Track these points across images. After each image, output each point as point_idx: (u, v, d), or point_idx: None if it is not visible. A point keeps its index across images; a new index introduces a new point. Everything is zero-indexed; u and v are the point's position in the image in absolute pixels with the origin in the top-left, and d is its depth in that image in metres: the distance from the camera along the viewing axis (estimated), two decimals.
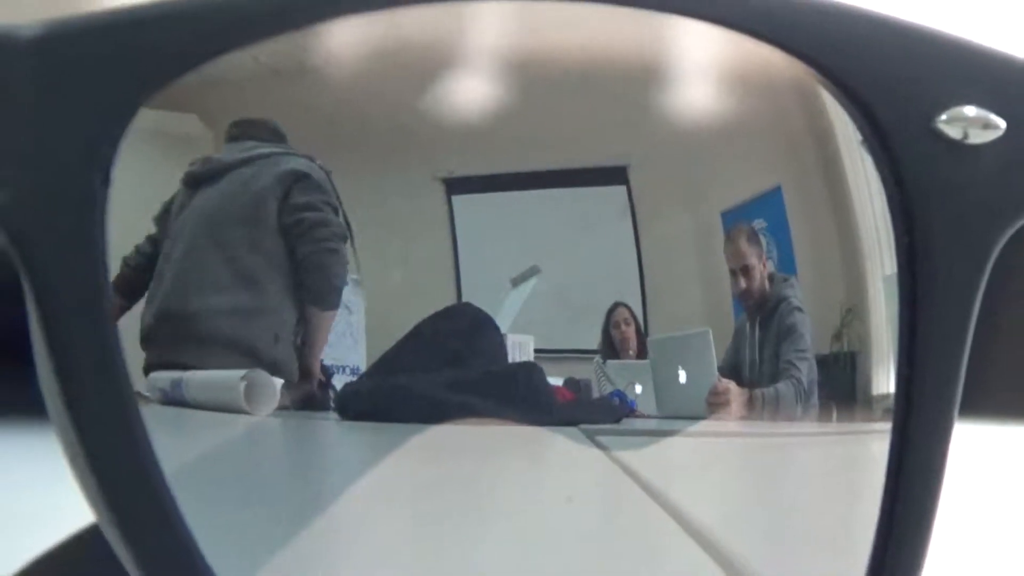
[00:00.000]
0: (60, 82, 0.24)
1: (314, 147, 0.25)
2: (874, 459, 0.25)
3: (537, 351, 0.25)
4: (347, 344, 0.24)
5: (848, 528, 0.25)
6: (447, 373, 0.25)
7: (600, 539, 0.26)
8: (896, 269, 0.25)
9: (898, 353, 0.25)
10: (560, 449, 0.25)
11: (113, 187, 0.24)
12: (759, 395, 0.24)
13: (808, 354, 0.25)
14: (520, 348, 0.25)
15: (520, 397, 0.25)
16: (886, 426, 0.25)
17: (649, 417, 0.25)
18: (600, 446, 0.25)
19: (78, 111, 0.23)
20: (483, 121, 0.25)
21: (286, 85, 0.25)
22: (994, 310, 0.26)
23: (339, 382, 0.24)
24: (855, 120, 0.25)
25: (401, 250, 0.25)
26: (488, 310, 0.24)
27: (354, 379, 0.24)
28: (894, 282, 0.25)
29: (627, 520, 0.26)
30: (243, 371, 0.24)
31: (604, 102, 0.26)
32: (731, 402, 0.24)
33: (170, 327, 0.25)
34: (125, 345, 0.23)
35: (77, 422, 0.24)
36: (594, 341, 0.25)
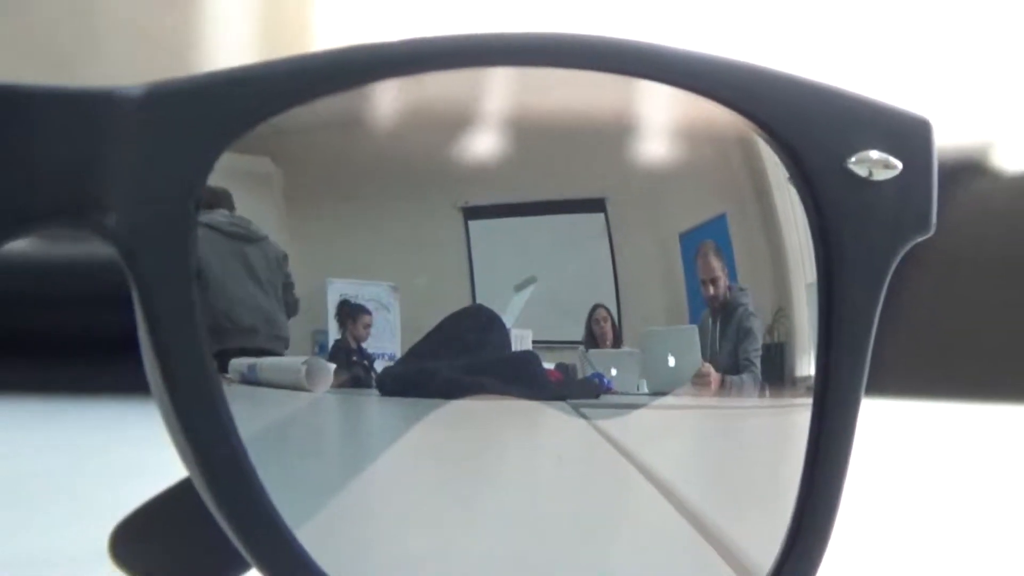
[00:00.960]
0: (160, 130, 0.24)
1: (359, 182, 0.25)
2: (798, 426, 0.25)
3: (534, 342, 0.25)
4: (386, 336, 0.24)
5: (779, 477, 0.25)
6: (464, 359, 0.25)
7: (583, 488, 0.26)
8: (816, 278, 0.25)
9: (817, 344, 0.25)
10: (552, 418, 0.25)
11: (202, 219, 0.24)
12: (729, 380, 0.24)
13: (760, 351, 0.25)
14: (521, 340, 0.25)
15: (521, 378, 0.25)
16: (808, 401, 0.25)
17: (622, 394, 0.25)
18: (583, 416, 0.25)
19: (175, 153, 0.24)
20: (493, 162, 0.25)
21: (339, 133, 0.25)
22: (891, 311, 0.26)
23: (379, 366, 0.24)
24: (783, 162, 0.25)
25: (428, 262, 0.25)
26: (496, 310, 0.24)
27: (391, 364, 0.24)
28: (814, 288, 0.25)
29: (604, 473, 0.26)
30: (304, 357, 0.24)
31: (587, 147, 0.26)
32: (711, 383, 0.24)
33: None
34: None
35: (173, 398, 0.24)
36: (579, 334, 0.25)
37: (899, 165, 0.25)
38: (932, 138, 0.25)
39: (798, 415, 0.25)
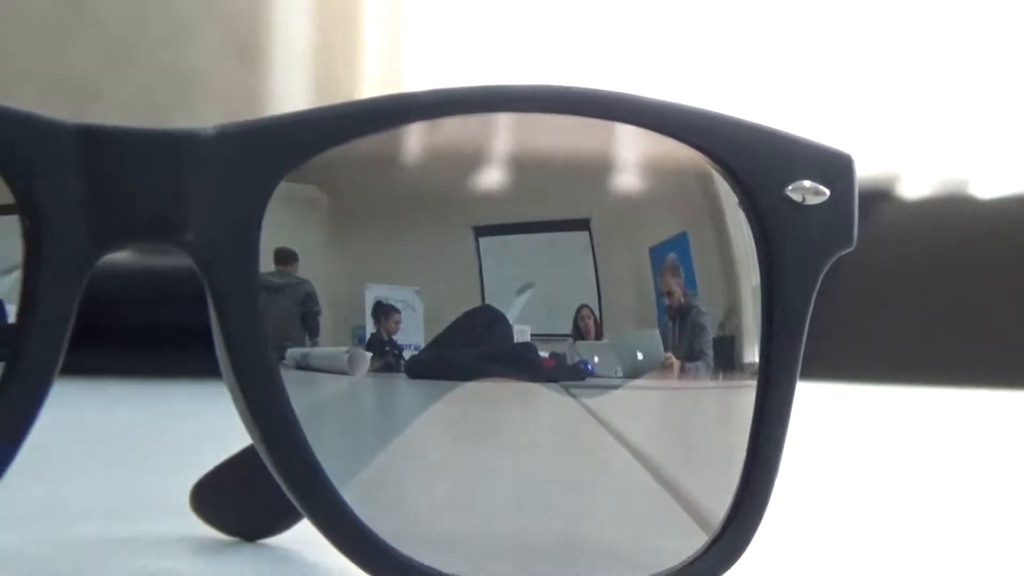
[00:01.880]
0: (230, 164, 0.23)
1: (390, 206, 0.25)
2: (745, 402, 0.25)
3: (532, 335, 0.24)
4: (412, 331, 0.24)
5: (730, 444, 0.25)
6: (475, 349, 0.24)
7: (570, 451, 0.26)
8: (759, 283, 0.25)
9: (760, 336, 0.25)
10: (546, 396, 0.25)
11: (263, 231, 0.24)
12: (687, 366, 0.24)
13: (711, 343, 0.25)
14: (521, 333, 0.24)
15: (521, 364, 0.24)
16: (752, 382, 0.25)
17: (602, 377, 0.25)
18: (571, 395, 0.24)
19: (242, 183, 0.23)
20: (499, 190, 0.25)
21: (373, 166, 0.25)
22: (820, 310, 0.26)
23: (407, 355, 0.24)
24: (734, 190, 0.25)
25: (447, 271, 0.24)
26: (501, 309, 0.24)
27: (416, 353, 0.24)
28: (758, 291, 0.25)
29: (587, 440, 0.25)
30: (346, 348, 0.24)
31: (574, 178, 0.25)
32: (673, 369, 0.24)
33: None
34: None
35: (240, 381, 0.24)
36: (568, 329, 0.25)
37: (827, 192, 0.25)
38: (854, 170, 0.25)
39: (744, 394, 0.25)
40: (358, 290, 0.24)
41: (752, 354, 0.25)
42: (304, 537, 0.26)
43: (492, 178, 0.25)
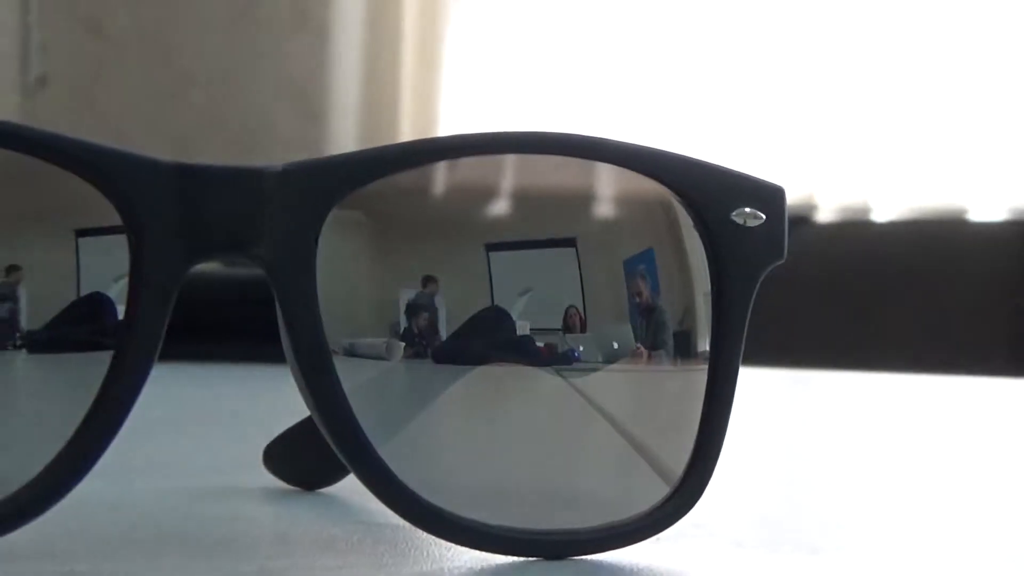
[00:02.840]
0: (292, 194, 0.23)
1: (419, 227, 0.25)
2: (700, 381, 0.25)
3: (531, 329, 0.24)
4: (436, 326, 0.24)
5: (687, 413, 0.25)
6: (486, 340, 0.24)
7: (559, 418, 0.25)
8: (710, 289, 0.25)
9: (711, 331, 0.25)
10: (541, 377, 0.24)
11: (319, 247, 0.23)
12: (653, 354, 0.24)
13: (672, 336, 0.24)
14: (522, 328, 0.24)
15: (522, 352, 0.24)
16: (705, 366, 0.25)
17: (586, 362, 0.24)
18: (561, 376, 0.24)
19: (301, 209, 0.23)
20: (505, 214, 0.25)
21: (405, 196, 0.25)
22: (757, 309, 0.25)
23: (433, 345, 0.24)
24: (689, 215, 0.25)
25: (464, 279, 0.24)
26: (506, 309, 0.24)
27: (440, 343, 0.24)
28: (709, 295, 0.25)
29: (573, 411, 0.25)
30: (385, 339, 0.24)
31: (564, 205, 0.25)
32: (642, 356, 0.24)
33: None
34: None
35: (300, 365, 0.23)
36: (559, 325, 0.24)
37: (763, 216, 0.25)
38: (784, 199, 0.25)
39: (698, 375, 0.25)
40: (394, 294, 0.24)
41: (704, 344, 0.25)
42: (351, 487, 0.26)
43: (499, 206, 0.25)
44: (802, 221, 1.44)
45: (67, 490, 0.22)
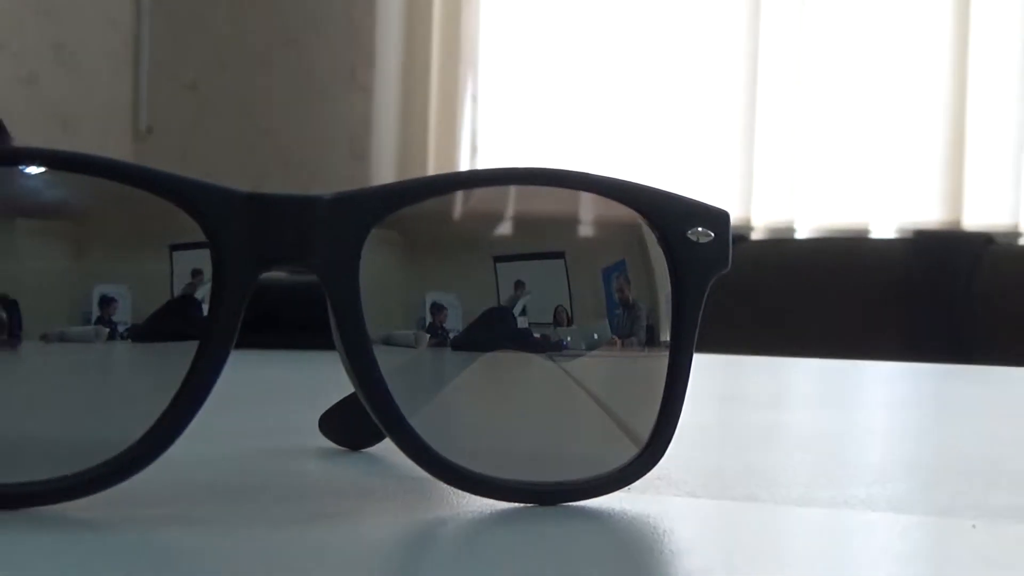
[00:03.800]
0: (340, 217, 0.23)
1: (441, 244, 0.24)
2: (662, 363, 0.24)
3: (529, 324, 0.24)
4: (455, 321, 0.23)
5: (652, 388, 0.24)
6: (493, 332, 0.24)
7: (550, 396, 0.25)
8: (670, 291, 0.24)
9: (671, 324, 0.24)
10: (536, 362, 0.24)
11: (362, 259, 0.23)
12: (626, 342, 0.24)
13: (642, 328, 0.24)
14: (522, 323, 0.24)
15: (522, 342, 0.24)
16: (666, 352, 0.24)
17: (573, 350, 0.24)
18: (553, 360, 0.24)
19: (347, 229, 0.23)
20: (507, 232, 0.25)
21: (430, 218, 0.24)
22: (706, 310, 0.25)
23: (451, 336, 0.23)
24: (654, 233, 0.24)
25: (476, 284, 0.24)
26: (509, 308, 0.23)
27: (457, 335, 0.23)
28: (669, 296, 0.24)
29: (560, 387, 0.25)
30: (413, 331, 0.23)
31: (555, 224, 0.25)
32: (617, 344, 0.24)
33: None
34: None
35: (348, 350, 0.23)
36: (551, 320, 0.24)
37: (712, 235, 0.24)
38: (729, 221, 0.25)
39: (661, 359, 0.24)
40: (421, 295, 0.24)
41: (665, 335, 0.24)
42: (388, 447, 0.26)
43: (503, 226, 0.25)
44: (738, 239, 1.44)
45: (162, 450, 0.22)
